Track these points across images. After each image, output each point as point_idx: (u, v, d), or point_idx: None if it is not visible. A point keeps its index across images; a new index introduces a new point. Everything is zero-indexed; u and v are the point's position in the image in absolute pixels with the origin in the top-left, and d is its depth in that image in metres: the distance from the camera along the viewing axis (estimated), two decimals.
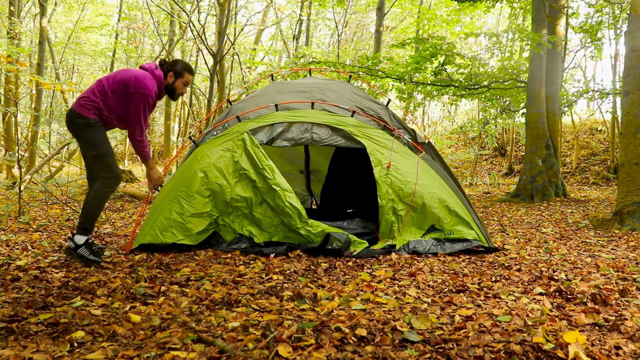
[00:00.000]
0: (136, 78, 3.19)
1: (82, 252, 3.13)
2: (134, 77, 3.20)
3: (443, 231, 3.65)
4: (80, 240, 3.16)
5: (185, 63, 3.49)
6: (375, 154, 3.75)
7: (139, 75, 3.21)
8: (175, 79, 3.41)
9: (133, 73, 3.24)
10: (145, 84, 3.19)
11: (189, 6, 10.20)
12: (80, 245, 3.15)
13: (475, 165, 14.17)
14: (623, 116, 5.33)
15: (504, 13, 17.59)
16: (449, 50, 8.76)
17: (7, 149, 11.42)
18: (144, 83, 3.19)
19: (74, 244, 3.15)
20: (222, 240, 3.69)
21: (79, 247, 3.14)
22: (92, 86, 3.27)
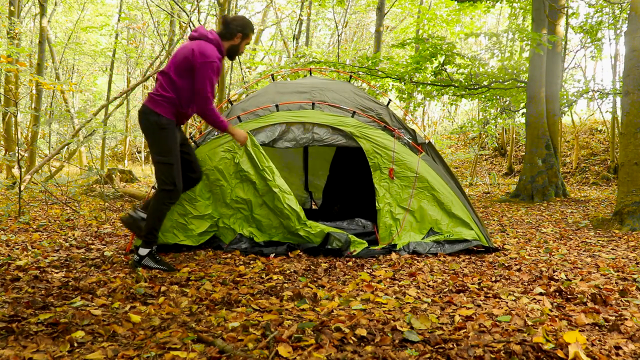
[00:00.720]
0: (196, 50, 3.01)
1: (146, 262, 3.10)
2: (193, 50, 3.01)
3: (442, 234, 3.66)
4: (144, 252, 3.11)
5: (249, 22, 3.29)
6: (374, 158, 3.75)
7: (197, 46, 3.02)
8: (242, 39, 3.25)
9: (189, 46, 3.05)
10: (207, 52, 3.01)
11: (189, 6, 10.20)
12: (144, 256, 3.11)
13: (475, 165, 14.17)
14: (623, 116, 5.33)
15: (504, 13, 17.59)
16: (449, 50, 8.76)
17: (7, 149, 11.42)
18: (205, 51, 3.01)
19: (139, 256, 3.12)
20: (222, 241, 3.69)
21: (142, 259, 3.10)
22: (159, 78, 3.11)
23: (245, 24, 3.23)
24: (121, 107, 17.85)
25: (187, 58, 3.02)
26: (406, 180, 3.74)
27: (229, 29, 3.19)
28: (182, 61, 3.04)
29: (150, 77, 16.32)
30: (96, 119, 9.68)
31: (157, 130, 3.07)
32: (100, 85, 22.04)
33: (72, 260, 3.27)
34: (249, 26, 3.25)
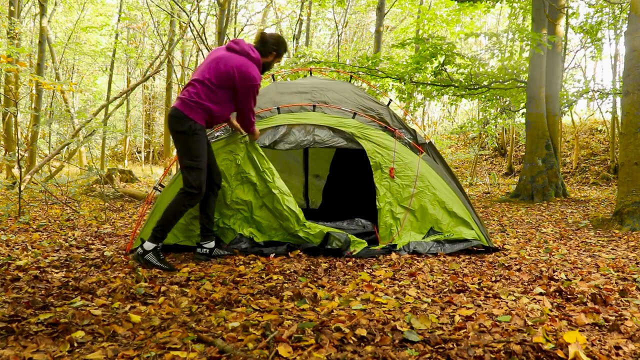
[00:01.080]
0: (240, 70, 3.08)
1: (149, 257, 3.10)
2: (238, 70, 3.08)
3: (442, 233, 3.66)
4: (149, 246, 3.11)
5: (284, 41, 3.39)
6: (375, 157, 3.75)
7: (242, 66, 3.09)
8: (274, 58, 3.36)
9: (233, 64, 3.09)
10: (250, 74, 3.10)
11: (189, 6, 10.20)
12: (148, 251, 3.11)
13: (475, 165, 14.17)
14: (623, 116, 5.33)
15: (504, 13, 17.59)
16: (449, 50, 8.76)
17: (7, 149, 11.42)
18: (249, 74, 3.10)
19: (143, 249, 3.12)
20: (222, 241, 3.68)
21: (146, 253, 3.10)
22: (196, 85, 3.12)
23: (280, 43, 3.35)
24: (121, 107, 17.84)
25: (230, 76, 3.10)
26: (407, 179, 3.74)
27: (266, 47, 3.29)
28: (224, 76, 3.10)
29: (150, 77, 16.33)
30: (96, 119, 9.68)
31: (190, 136, 3.10)
32: (100, 85, 22.04)
33: (72, 260, 3.27)
34: (284, 46, 3.38)
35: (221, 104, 3.18)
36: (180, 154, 3.18)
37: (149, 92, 22.09)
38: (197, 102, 3.09)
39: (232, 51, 3.18)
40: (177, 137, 3.15)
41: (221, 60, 3.13)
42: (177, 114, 3.10)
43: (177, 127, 3.11)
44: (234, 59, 3.12)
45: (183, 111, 3.09)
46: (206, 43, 9.05)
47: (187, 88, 3.16)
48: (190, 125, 3.09)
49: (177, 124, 3.11)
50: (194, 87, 3.13)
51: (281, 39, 3.37)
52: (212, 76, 3.10)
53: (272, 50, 3.30)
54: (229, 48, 3.21)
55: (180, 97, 3.16)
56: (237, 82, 3.10)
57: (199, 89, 3.11)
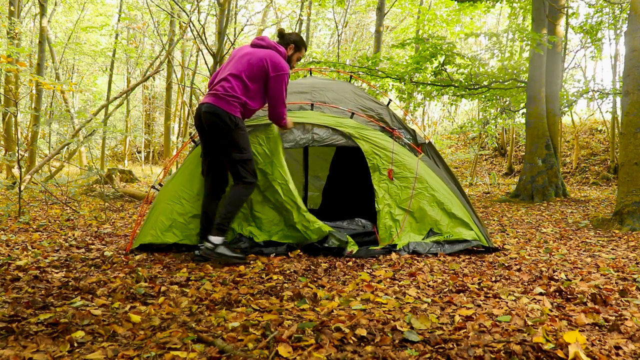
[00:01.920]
0: (271, 60, 3.18)
1: (222, 250, 3.17)
2: (269, 60, 3.18)
3: (442, 234, 3.66)
4: (217, 240, 3.18)
5: (302, 39, 3.49)
6: (373, 159, 3.75)
7: (271, 57, 3.19)
8: (294, 52, 3.44)
9: (262, 55, 3.19)
10: (280, 63, 3.21)
11: (189, 6, 10.20)
12: (219, 244, 3.18)
13: (475, 165, 14.17)
14: (623, 116, 5.33)
15: (504, 13, 17.59)
16: (449, 50, 8.76)
17: (7, 149, 11.42)
18: (279, 63, 3.20)
19: (212, 244, 3.16)
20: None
21: (217, 247, 3.17)
22: (231, 80, 3.17)
23: (299, 38, 3.49)
24: (121, 107, 17.85)
25: (263, 67, 3.18)
26: (405, 181, 3.73)
27: (284, 40, 3.43)
28: (256, 68, 3.19)
29: (150, 77, 16.33)
30: (96, 119, 9.68)
31: (234, 130, 3.16)
32: (100, 85, 22.04)
33: (72, 260, 3.27)
34: (302, 41, 3.50)
35: (254, 98, 3.25)
36: (227, 149, 3.22)
37: (149, 92, 22.09)
38: (233, 97, 3.15)
39: (259, 47, 3.29)
40: (221, 133, 3.18)
41: (251, 55, 3.23)
42: (215, 109, 3.14)
43: (218, 123, 3.15)
44: (262, 52, 3.23)
45: (221, 106, 3.13)
46: (206, 43, 9.04)
47: (221, 83, 3.20)
48: (232, 119, 3.14)
49: (217, 119, 3.14)
50: (228, 82, 3.18)
51: (299, 35, 3.51)
52: (245, 70, 3.18)
53: (290, 41, 3.42)
54: (254, 44, 3.32)
55: (213, 92, 3.19)
56: (270, 72, 3.18)
57: (233, 83, 3.17)
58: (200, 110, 3.22)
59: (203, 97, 3.30)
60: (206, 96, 3.25)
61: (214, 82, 3.33)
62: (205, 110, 3.18)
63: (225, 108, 3.13)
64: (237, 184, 3.28)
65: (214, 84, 3.28)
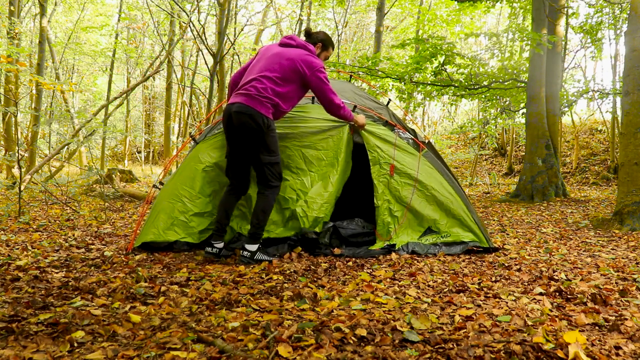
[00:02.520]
0: (304, 59, 3.13)
1: (260, 257, 3.25)
2: (301, 60, 3.12)
3: (439, 233, 3.65)
4: (253, 247, 3.23)
5: (330, 38, 3.43)
6: (373, 151, 3.72)
7: (304, 56, 3.14)
8: (321, 50, 3.39)
9: (294, 56, 3.13)
10: (314, 61, 3.15)
11: (189, 6, 10.20)
12: (255, 251, 3.23)
13: (475, 165, 14.17)
14: (623, 116, 5.33)
15: (504, 13, 17.59)
16: (449, 50, 8.76)
17: (7, 149, 11.43)
18: (313, 61, 3.14)
19: (249, 251, 3.21)
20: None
21: (254, 254, 3.22)
22: (263, 80, 3.11)
23: (326, 37, 3.42)
24: (121, 107, 17.85)
25: (296, 68, 3.12)
26: (406, 177, 3.72)
27: (312, 39, 3.37)
28: (289, 69, 3.12)
29: (150, 77, 16.33)
30: (96, 119, 9.68)
31: (267, 132, 3.11)
32: (100, 85, 22.04)
33: (72, 260, 3.27)
34: (329, 40, 3.43)
35: (286, 100, 3.18)
36: (257, 151, 3.17)
37: (149, 92, 22.10)
38: (266, 97, 3.08)
39: (288, 46, 3.23)
40: (251, 133, 3.10)
41: (282, 55, 3.16)
42: (248, 110, 3.06)
43: (250, 124, 3.07)
44: (293, 52, 3.17)
45: (254, 107, 3.06)
46: (206, 43, 9.05)
47: (252, 83, 3.12)
48: (264, 121, 3.08)
49: (250, 120, 3.06)
50: (260, 82, 3.10)
51: (327, 34, 3.45)
52: (277, 71, 3.11)
53: (317, 40, 3.37)
54: (283, 44, 3.27)
55: (244, 92, 3.11)
56: (306, 73, 3.12)
57: (266, 84, 3.10)
58: (231, 110, 3.12)
59: (232, 97, 3.20)
60: (236, 95, 3.15)
61: (242, 82, 3.23)
62: (237, 110, 3.08)
63: (258, 109, 3.05)
64: (263, 190, 3.26)
65: (244, 84, 3.17)
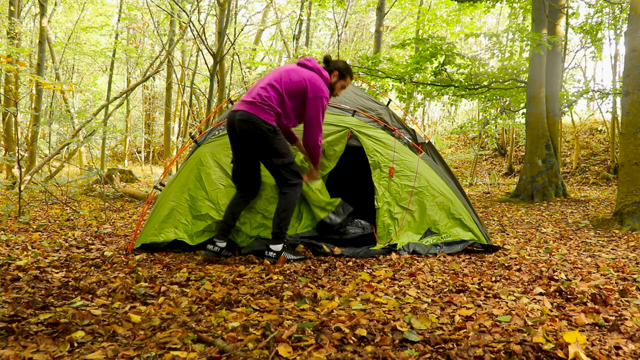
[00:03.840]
0: (312, 82, 3.16)
1: (286, 256, 3.28)
2: (310, 81, 3.15)
3: (439, 234, 3.66)
4: (278, 247, 3.26)
5: (349, 66, 3.43)
6: (374, 156, 3.75)
7: (313, 79, 3.17)
8: (338, 79, 3.38)
9: (305, 75, 3.17)
10: (321, 87, 3.17)
11: (189, 6, 10.20)
12: (280, 251, 3.26)
13: (475, 165, 14.17)
14: (623, 116, 5.33)
15: (504, 13, 17.59)
16: (449, 50, 8.76)
17: (7, 149, 11.43)
18: (319, 86, 3.17)
19: (275, 252, 3.24)
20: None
21: (280, 254, 3.25)
22: (269, 89, 3.14)
23: (345, 66, 3.40)
24: (121, 107, 17.85)
25: (302, 86, 3.15)
26: (405, 179, 3.73)
27: (329, 66, 3.38)
28: (295, 85, 3.16)
29: (150, 77, 16.33)
30: (96, 119, 9.68)
31: (273, 136, 3.13)
32: (100, 85, 22.04)
33: (72, 260, 3.27)
34: (348, 70, 3.41)
35: (288, 115, 3.21)
36: (267, 156, 3.20)
37: (149, 92, 22.09)
38: (270, 106, 3.11)
39: (304, 66, 3.28)
40: (257, 139, 3.14)
41: (293, 71, 3.21)
42: (250, 117, 3.09)
43: (254, 130, 3.11)
44: (305, 72, 3.21)
45: (256, 114, 3.09)
46: (206, 43, 9.05)
47: (258, 91, 3.15)
48: (270, 128, 3.11)
49: (254, 126, 3.10)
50: (265, 90, 3.14)
51: (346, 63, 3.44)
52: (284, 83, 3.16)
53: (334, 68, 3.36)
54: (300, 64, 3.31)
55: (248, 100, 3.14)
56: (308, 92, 3.15)
57: (271, 93, 3.14)
58: (234, 118, 3.16)
59: (236, 104, 3.23)
60: (240, 103, 3.18)
61: (250, 90, 3.28)
62: (240, 118, 3.12)
63: (261, 115, 3.08)
64: (283, 191, 3.29)
65: (250, 92, 3.22)
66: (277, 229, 3.28)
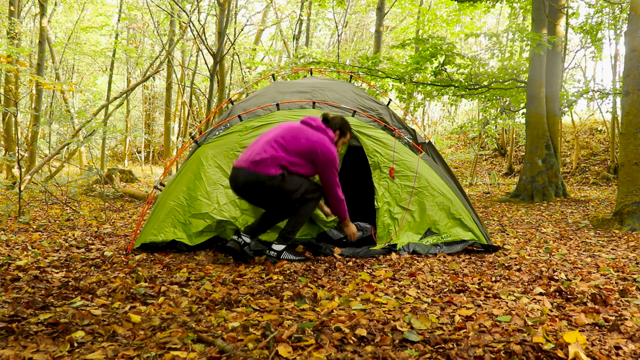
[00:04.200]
0: (322, 145, 3.17)
1: (286, 256, 3.31)
2: (320, 145, 3.16)
3: (440, 234, 3.66)
4: (280, 247, 3.26)
5: (348, 123, 3.47)
6: (374, 156, 3.75)
7: (323, 141, 3.19)
8: (339, 137, 3.43)
9: (315, 138, 3.17)
10: (330, 149, 3.19)
11: (189, 6, 10.20)
12: (281, 251, 3.27)
13: (475, 165, 14.16)
14: (623, 116, 5.33)
15: (504, 13, 17.59)
16: (449, 50, 8.76)
17: (7, 149, 11.43)
18: (329, 149, 3.19)
19: (275, 251, 3.24)
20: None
21: (281, 253, 3.27)
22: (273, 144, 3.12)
23: (343, 123, 3.44)
24: (121, 107, 17.85)
25: (312, 150, 3.16)
26: (406, 179, 3.73)
27: (330, 124, 3.39)
28: (305, 148, 3.16)
29: (150, 77, 16.33)
30: (96, 119, 9.68)
31: (280, 183, 3.12)
32: (100, 85, 22.04)
33: (72, 260, 3.27)
34: (347, 126, 3.46)
35: (296, 165, 3.19)
36: (283, 200, 3.20)
37: (149, 92, 22.09)
38: (273, 158, 3.10)
39: (308, 125, 3.27)
40: (271, 192, 3.14)
41: (301, 132, 3.20)
42: (259, 177, 3.08)
43: (261, 188, 3.13)
44: (313, 134, 3.21)
45: (259, 171, 3.08)
46: (206, 43, 9.05)
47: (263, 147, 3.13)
48: (275, 179, 3.10)
49: (259, 184, 3.11)
50: (271, 145, 3.13)
51: (344, 119, 3.45)
52: (290, 143, 3.15)
53: (335, 128, 3.38)
54: (304, 122, 3.30)
55: (251, 159, 3.12)
56: (319, 157, 3.16)
57: (276, 147, 3.13)
58: (237, 177, 3.17)
59: (239, 159, 3.22)
60: (241, 160, 3.19)
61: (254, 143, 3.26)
62: (244, 180, 3.14)
63: (265, 171, 3.08)
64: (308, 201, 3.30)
65: (254, 145, 3.22)
66: (286, 231, 3.29)
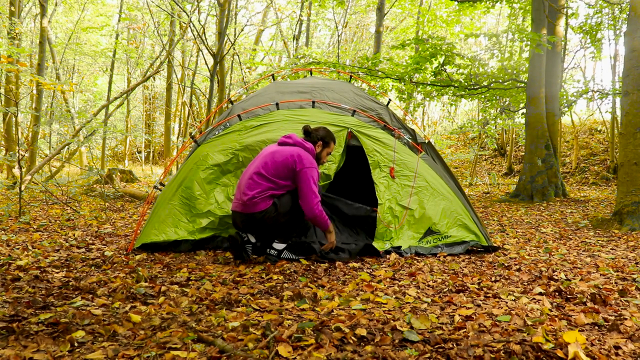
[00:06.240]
0: (298, 156, 3.14)
1: (286, 255, 3.35)
2: (295, 156, 3.14)
3: (439, 234, 3.66)
4: (280, 246, 3.31)
5: (331, 132, 3.43)
6: (373, 156, 3.75)
7: (298, 153, 3.16)
8: (322, 148, 3.39)
9: (289, 152, 3.16)
10: (307, 158, 3.17)
11: (189, 6, 10.20)
12: (282, 250, 3.31)
13: (475, 165, 14.16)
14: (623, 116, 5.34)
15: (504, 13, 17.59)
16: (448, 50, 8.77)
17: (8, 149, 11.43)
18: (306, 158, 3.16)
19: (276, 250, 3.28)
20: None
21: (281, 252, 3.31)
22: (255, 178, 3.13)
23: (326, 133, 3.40)
24: (121, 107, 17.85)
25: (288, 163, 3.14)
26: (405, 179, 3.74)
27: (311, 137, 3.37)
28: (281, 165, 3.14)
29: (151, 78, 16.34)
30: (96, 119, 9.69)
31: (276, 212, 3.14)
32: (101, 85, 22.05)
33: (72, 260, 3.28)
34: (330, 135, 3.42)
35: (282, 187, 3.18)
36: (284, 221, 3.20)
37: (149, 92, 22.10)
38: (259, 194, 3.11)
39: (285, 144, 3.27)
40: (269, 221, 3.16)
41: (277, 153, 3.20)
42: (254, 216, 3.12)
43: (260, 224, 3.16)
44: (289, 149, 3.20)
45: (254, 211, 3.11)
46: (206, 43, 9.05)
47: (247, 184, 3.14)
48: (269, 211, 3.12)
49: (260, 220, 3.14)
50: (253, 180, 3.14)
51: (327, 130, 3.43)
52: (270, 169, 3.14)
53: (316, 139, 3.36)
54: (281, 143, 3.30)
55: (242, 201, 3.14)
56: (295, 167, 3.13)
57: (258, 181, 3.13)
58: (236, 220, 3.24)
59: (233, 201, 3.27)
60: (235, 202, 3.22)
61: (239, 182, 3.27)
62: (242, 221, 3.19)
63: (256, 210, 3.11)
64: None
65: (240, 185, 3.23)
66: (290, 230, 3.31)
